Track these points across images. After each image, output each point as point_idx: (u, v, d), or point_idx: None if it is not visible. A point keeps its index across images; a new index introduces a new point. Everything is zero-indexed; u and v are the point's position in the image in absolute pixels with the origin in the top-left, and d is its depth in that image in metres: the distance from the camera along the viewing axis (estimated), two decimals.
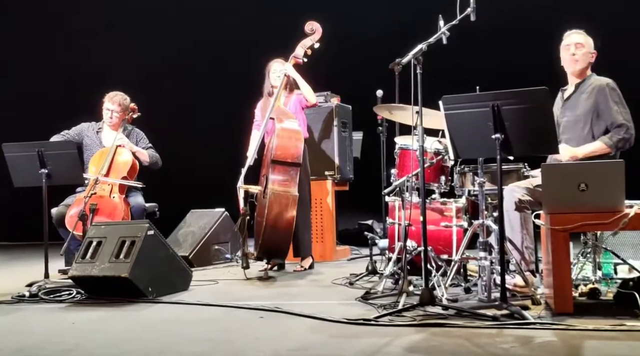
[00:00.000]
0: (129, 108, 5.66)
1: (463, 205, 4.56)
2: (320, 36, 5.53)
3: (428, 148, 4.47)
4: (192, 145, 8.69)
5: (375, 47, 7.46)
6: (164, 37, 9.14)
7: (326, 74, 7.25)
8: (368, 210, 7.49)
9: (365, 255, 6.01)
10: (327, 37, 5.61)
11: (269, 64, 5.63)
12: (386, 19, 8.34)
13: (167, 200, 6.00)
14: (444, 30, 3.79)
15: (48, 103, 8.87)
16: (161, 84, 8.96)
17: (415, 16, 7.37)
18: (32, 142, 4.85)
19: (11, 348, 3.10)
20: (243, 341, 3.13)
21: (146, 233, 4.31)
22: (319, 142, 6.36)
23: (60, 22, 9.32)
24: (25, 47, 9.31)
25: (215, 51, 8.94)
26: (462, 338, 2.99)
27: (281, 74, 5.50)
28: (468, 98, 3.51)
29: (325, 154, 6.38)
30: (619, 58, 6.37)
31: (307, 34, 5.54)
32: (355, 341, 3.03)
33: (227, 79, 8.48)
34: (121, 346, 3.13)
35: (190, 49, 9.04)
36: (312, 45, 5.53)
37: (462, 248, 4.13)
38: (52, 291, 4.38)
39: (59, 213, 5.31)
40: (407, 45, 3.74)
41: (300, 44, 5.53)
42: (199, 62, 8.99)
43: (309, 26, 5.55)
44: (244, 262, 5.08)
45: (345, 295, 4.23)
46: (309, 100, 5.49)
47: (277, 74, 5.53)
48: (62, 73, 9.06)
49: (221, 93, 8.57)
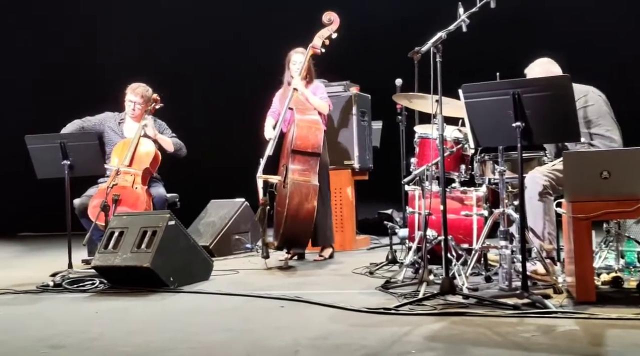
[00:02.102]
0: (151, 100, 5.68)
1: (483, 193, 4.54)
2: (338, 26, 5.51)
3: (448, 136, 4.45)
4: (213, 136, 8.71)
5: (394, 36, 7.41)
6: (185, 25, 9.14)
7: (345, 63, 7.23)
8: (388, 199, 7.48)
9: (385, 244, 6.00)
10: (346, 25, 5.58)
11: (289, 54, 5.61)
12: (405, 7, 8.27)
13: (187, 191, 6.03)
14: (463, 17, 3.75)
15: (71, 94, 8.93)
16: (182, 73, 8.97)
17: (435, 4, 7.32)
18: (54, 134, 4.91)
19: (36, 337, 3.15)
20: (264, 331, 3.15)
21: (167, 223, 4.34)
22: (338, 131, 6.35)
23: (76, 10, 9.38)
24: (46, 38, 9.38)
25: (234, 41, 8.94)
26: (483, 327, 2.99)
27: (300, 65, 5.48)
28: (488, 86, 3.48)
29: (345, 144, 6.36)
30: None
31: (325, 24, 5.52)
32: (375, 330, 3.04)
33: (249, 69, 8.48)
34: (143, 335, 3.16)
35: (209, 39, 9.04)
36: (330, 36, 5.50)
37: (483, 237, 4.11)
38: (76, 281, 4.44)
39: (81, 204, 5.36)
40: (427, 33, 3.72)
41: (318, 34, 5.50)
42: (219, 52, 8.98)
43: (327, 16, 5.53)
44: (264, 252, 5.09)
45: (365, 284, 4.24)
46: (322, 112, 5.46)
47: (298, 64, 5.52)
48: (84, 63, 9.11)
49: (243, 83, 8.58)
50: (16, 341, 3.11)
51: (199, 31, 9.08)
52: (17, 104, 9.25)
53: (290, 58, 5.58)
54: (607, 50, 7.35)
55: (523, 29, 7.75)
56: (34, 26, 9.37)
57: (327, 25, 5.51)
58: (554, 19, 7.70)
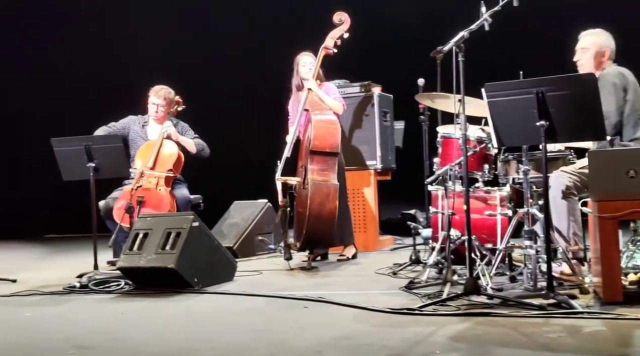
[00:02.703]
0: (174, 102, 5.72)
1: (507, 193, 4.50)
2: (349, 26, 5.49)
3: (471, 136, 4.42)
4: (236, 137, 8.74)
5: (416, 36, 7.39)
6: (208, 29, 9.20)
7: (367, 63, 7.23)
8: (411, 199, 7.45)
9: (408, 244, 5.98)
10: (368, 26, 5.57)
11: (297, 57, 5.59)
12: (427, 6, 8.24)
13: (211, 192, 6.06)
14: (486, 16, 3.73)
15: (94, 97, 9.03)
16: (204, 76, 9.02)
17: (457, 3, 7.28)
18: (79, 137, 4.94)
19: (63, 338, 3.18)
20: (287, 331, 3.16)
21: (191, 224, 4.36)
22: (360, 132, 6.33)
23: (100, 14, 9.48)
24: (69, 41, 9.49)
25: (257, 44, 8.97)
26: (508, 327, 2.96)
27: (312, 66, 5.47)
28: (511, 85, 3.45)
29: (367, 144, 6.34)
30: None
31: (336, 24, 5.50)
32: (399, 330, 3.03)
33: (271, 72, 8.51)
34: (168, 335, 3.19)
35: (232, 42, 9.08)
36: (342, 36, 5.49)
37: (507, 237, 4.08)
38: (102, 282, 4.48)
39: (106, 205, 5.41)
40: (449, 32, 3.70)
41: (329, 34, 5.49)
42: (242, 55, 9.02)
43: (337, 16, 5.52)
44: (286, 254, 5.11)
45: (388, 284, 4.22)
46: (336, 112, 5.44)
47: (308, 66, 5.51)
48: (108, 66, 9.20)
49: (265, 85, 8.60)
50: (43, 342, 3.15)
51: (223, 34, 9.12)
52: (44, 107, 9.36)
53: (299, 61, 5.57)
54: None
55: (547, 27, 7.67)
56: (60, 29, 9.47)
57: (338, 25, 5.50)
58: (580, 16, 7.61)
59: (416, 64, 5.49)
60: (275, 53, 8.13)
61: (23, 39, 9.49)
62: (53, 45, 9.48)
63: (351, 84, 6.39)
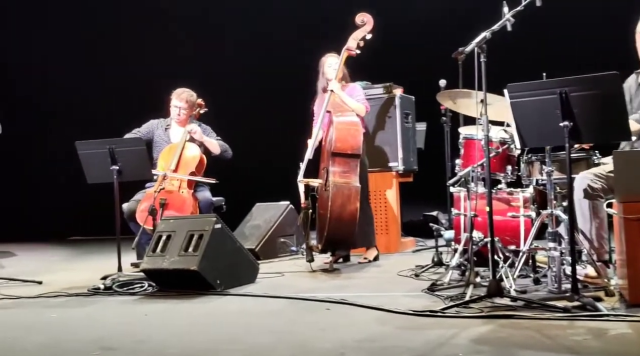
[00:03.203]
0: (196, 105, 5.75)
1: (530, 194, 4.46)
2: (372, 27, 5.47)
3: (493, 137, 4.39)
4: (258, 140, 8.77)
5: (437, 37, 7.36)
6: (228, 29, 9.24)
7: (388, 64, 7.21)
8: (433, 201, 7.42)
9: (430, 246, 5.96)
10: (390, 27, 5.56)
11: (323, 59, 5.59)
12: (449, 7, 8.21)
13: (233, 194, 6.09)
14: (508, 16, 3.71)
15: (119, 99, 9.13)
16: (227, 78, 9.05)
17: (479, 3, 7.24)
18: (103, 140, 4.99)
19: (88, 339, 3.22)
20: (309, 333, 3.16)
21: (214, 226, 4.38)
22: (382, 133, 6.32)
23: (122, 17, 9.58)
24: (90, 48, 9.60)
25: (278, 46, 8.99)
26: (532, 329, 2.94)
27: (336, 67, 5.47)
28: (534, 85, 3.43)
29: (389, 145, 6.33)
30: None
31: (359, 25, 5.48)
32: (421, 332, 3.02)
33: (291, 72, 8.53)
34: (191, 337, 3.21)
35: (254, 44, 9.11)
36: (364, 37, 5.48)
37: (530, 239, 4.05)
38: (125, 284, 4.52)
39: (129, 208, 5.46)
40: (470, 33, 3.68)
41: (352, 36, 5.48)
42: (264, 57, 9.05)
43: (360, 18, 5.50)
44: (308, 255, 5.11)
45: (410, 286, 4.21)
46: (359, 113, 5.43)
47: (333, 67, 5.51)
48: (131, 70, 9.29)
49: (287, 87, 8.62)
50: (69, 343, 3.18)
51: (245, 35, 9.16)
52: (69, 110, 9.47)
53: (325, 62, 5.56)
54: None
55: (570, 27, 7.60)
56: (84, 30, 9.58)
57: (360, 26, 5.48)
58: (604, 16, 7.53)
59: (438, 65, 5.47)
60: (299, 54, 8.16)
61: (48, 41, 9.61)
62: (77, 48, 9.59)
63: (373, 86, 6.38)
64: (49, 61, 9.56)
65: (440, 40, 5.84)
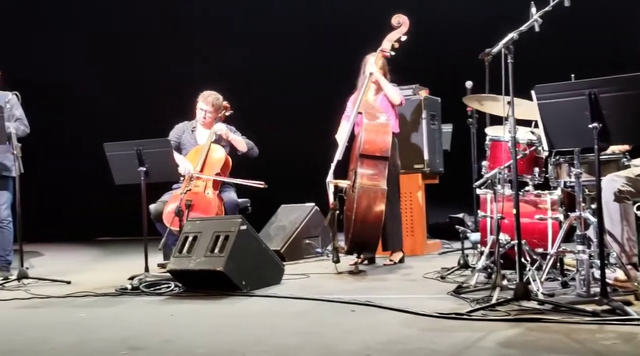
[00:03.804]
0: (222, 107, 5.79)
1: (558, 197, 4.42)
2: (408, 29, 5.47)
3: (520, 139, 4.35)
4: (283, 141, 8.79)
5: (464, 37, 7.32)
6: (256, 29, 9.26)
7: (414, 66, 7.18)
8: (459, 203, 7.37)
9: (456, 248, 5.93)
10: (415, 28, 5.54)
11: (366, 57, 5.60)
12: (476, 8, 8.16)
13: (258, 196, 6.11)
14: (536, 17, 3.67)
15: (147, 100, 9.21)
16: (254, 76, 9.08)
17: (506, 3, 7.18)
18: (131, 141, 5.04)
19: (116, 338, 3.25)
20: (335, 334, 3.16)
21: (239, 228, 4.41)
22: (408, 135, 6.30)
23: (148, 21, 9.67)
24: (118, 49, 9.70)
25: (306, 45, 9.00)
26: (560, 333, 2.90)
27: (366, 73, 5.47)
28: (562, 86, 3.39)
29: (415, 147, 6.32)
30: None
31: (394, 26, 5.49)
32: (447, 335, 3.00)
33: (317, 73, 8.54)
34: (217, 337, 3.23)
35: (282, 42, 9.13)
36: (399, 38, 5.47)
37: (558, 242, 4.00)
38: (152, 285, 4.56)
39: (156, 209, 5.50)
40: (497, 34, 3.66)
41: (387, 37, 5.48)
42: (291, 55, 9.06)
43: (396, 19, 5.50)
44: (334, 256, 5.11)
45: (436, 289, 4.19)
46: (394, 102, 5.45)
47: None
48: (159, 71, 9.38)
49: (311, 87, 8.64)
50: (97, 343, 3.22)
51: (274, 35, 9.18)
52: (96, 112, 9.58)
53: (367, 61, 5.57)
54: None
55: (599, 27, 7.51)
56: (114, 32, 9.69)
57: (396, 28, 5.48)
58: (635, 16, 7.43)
59: (464, 66, 5.43)
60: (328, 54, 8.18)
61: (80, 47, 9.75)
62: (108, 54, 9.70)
63: (399, 87, 6.35)
64: (80, 65, 9.68)
65: (467, 41, 5.81)
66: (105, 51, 9.72)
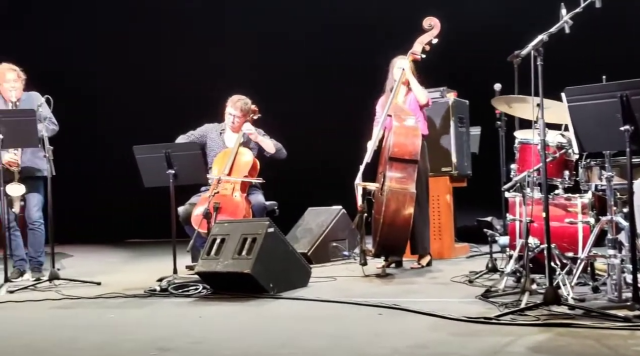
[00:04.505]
0: (250, 111, 5.81)
1: (589, 200, 4.36)
2: (439, 31, 5.44)
3: (550, 142, 4.31)
4: (311, 144, 8.80)
5: (493, 40, 7.27)
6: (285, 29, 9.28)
7: (442, 68, 7.14)
8: (487, 206, 7.31)
9: (484, 252, 5.88)
10: (444, 30, 5.51)
11: (393, 60, 5.58)
12: (504, 9, 8.09)
13: (285, 198, 6.13)
14: (566, 18, 3.63)
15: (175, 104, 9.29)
16: (283, 79, 9.10)
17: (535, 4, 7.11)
18: (159, 144, 5.09)
19: (145, 340, 3.29)
20: (363, 338, 3.15)
21: (267, 230, 4.42)
22: (436, 138, 6.27)
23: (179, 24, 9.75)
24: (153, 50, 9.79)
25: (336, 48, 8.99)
26: (591, 339, 2.87)
27: (400, 69, 5.45)
28: (594, 89, 3.35)
29: (442, 150, 6.28)
30: None
31: (425, 29, 5.46)
32: (475, 339, 2.98)
33: (346, 76, 8.54)
34: (245, 339, 3.24)
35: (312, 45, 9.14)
36: (430, 41, 5.45)
37: (589, 246, 3.95)
38: (181, 286, 4.60)
39: (185, 211, 5.55)
40: (527, 36, 3.62)
41: (418, 40, 5.45)
42: (322, 59, 9.07)
43: (427, 22, 5.47)
44: (361, 259, 5.10)
45: (464, 292, 4.16)
46: (420, 101, 5.43)
47: (401, 68, 5.48)
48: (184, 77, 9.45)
49: (340, 90, 8.64)
50: (126, 343, 3.26)
51: (303, 36, 9.19)
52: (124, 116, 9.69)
53: (394, 64, 5.55)
54: None
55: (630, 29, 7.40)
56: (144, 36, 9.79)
57: (427, 30, 5.45)
58: None
59: (493, 69, 5.40)
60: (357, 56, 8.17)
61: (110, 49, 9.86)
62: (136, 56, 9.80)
63: (427, 90, 6.32)
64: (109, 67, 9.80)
65: (496, 42, 5.77)
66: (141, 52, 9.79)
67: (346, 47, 8.76)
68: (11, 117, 5.01)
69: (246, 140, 5.73)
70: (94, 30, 9.84)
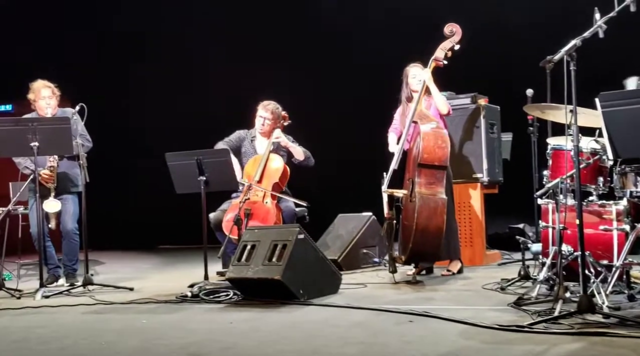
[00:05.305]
0: (281, 117, 5.85)
1: (624, 207, 4.29)
2: (460, 37, 5.41)
3: (584, 148, 4.25)
4: (340, 151, 8.80)
5: (524, 45, 7.20)
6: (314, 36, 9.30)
7: (473, 74, 7.11)
8: (519, 213, 7.24)
9: (516, 259, 5.81)
10: (475, 36, 5.48)
11: (407, 69, 5.57)
12: (536, 14, 8.01)
13: (315, 205, 6.14)
14: (600, 23, 3.59)
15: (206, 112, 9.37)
16: (313, 85, 9.13)
17: (567, 10, 7.04)
18: (191, 151, 5.15)
19: (177, 345, 3.31)
20: (393, 345, 3.14)
21: (297, 237, 4.43)
22: (467, 144, 6.23)
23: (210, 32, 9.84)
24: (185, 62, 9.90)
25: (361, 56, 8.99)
26: (628, 348, 2.82)
27: (421, 79, 5.44)
28: (629, 94, 3.32)
29: (473, 156, 6.23)
30: None
31: (447, 35, 5.44)
32: (508, 348, 2.95)
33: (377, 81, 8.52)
34: (275, 346, 3.25)
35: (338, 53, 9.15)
36: (452, 47, 5.42)
37: (625, 253, 3.88)
38: (212, 292, 4.63)
39: (216, 218, 5.59)
40: (559, 41, 3.59)
41: (440, 46, 5.44)
42: (347, 68, 9.07)
43: (449, 28, 5.45)
44: (391, 266, 5.09)
45: (496, 300, 4.12)
46: (441, 111, 5.40)
47: (418, 78, 5.47)
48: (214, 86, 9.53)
49: (367, 96, 8.63)
50: (158, 348, 3.29)
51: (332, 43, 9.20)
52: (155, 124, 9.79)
53: (409, 72, 5.53)
54: None
55: None
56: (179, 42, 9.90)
57: (449, 37, 5.43)
58: None
59: (524, 75, 5.35)
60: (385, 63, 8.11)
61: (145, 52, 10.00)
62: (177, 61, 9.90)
63: (457, 96, 6.30)
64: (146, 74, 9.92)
65: (528, 47, 5.72)
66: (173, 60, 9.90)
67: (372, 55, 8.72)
68: (47, 125, 5.10)
69: (276, 147, 5.76)
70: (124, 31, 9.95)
